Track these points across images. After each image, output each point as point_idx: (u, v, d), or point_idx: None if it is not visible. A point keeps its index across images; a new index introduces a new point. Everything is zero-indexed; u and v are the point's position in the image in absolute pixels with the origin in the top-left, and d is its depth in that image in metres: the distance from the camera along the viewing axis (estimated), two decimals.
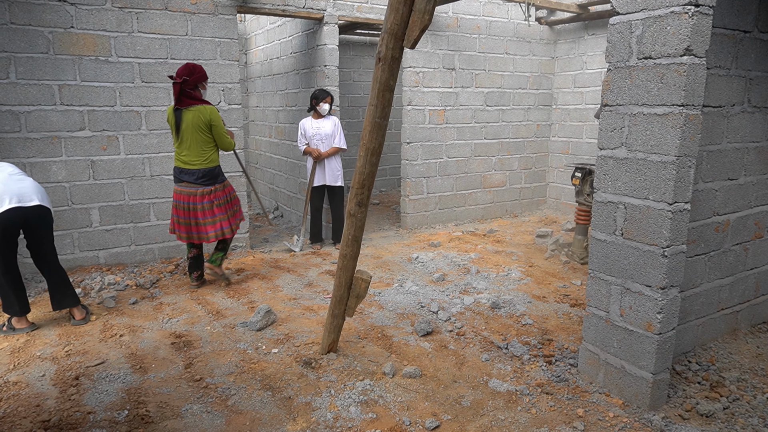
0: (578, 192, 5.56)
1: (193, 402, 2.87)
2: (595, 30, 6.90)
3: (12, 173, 3.67)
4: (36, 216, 3.63)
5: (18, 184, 3.61)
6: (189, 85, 4.21)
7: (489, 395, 3.00)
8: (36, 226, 3.67)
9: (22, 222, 3.60)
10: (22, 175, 3.73)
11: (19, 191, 3.58)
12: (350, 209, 2.81)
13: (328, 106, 5.59)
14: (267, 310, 3.82)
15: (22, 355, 3.45)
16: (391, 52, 2.37)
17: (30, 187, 3.65)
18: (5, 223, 3.52)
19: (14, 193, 3.55)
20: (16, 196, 3.55)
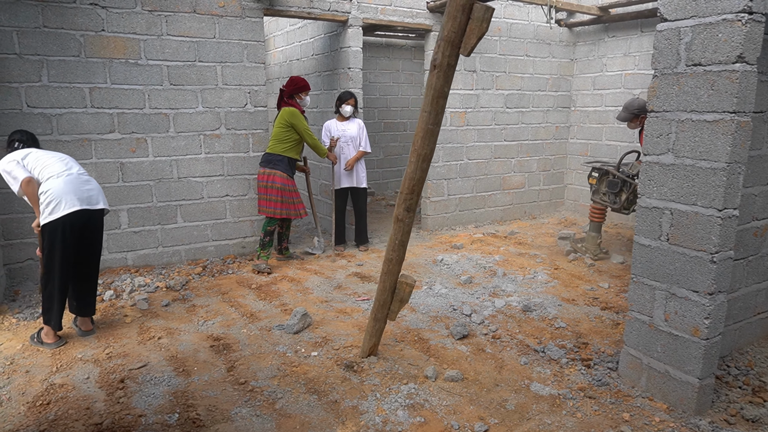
0: (594, 191, 5.61)
1: (241, 405, 2.89)
2: (615, 32, 6.90)
3: (80, 172, 3.66)
4: (97, 220, 3.66)
5: (86, 185, 3.60)
6: (286, 93, 5.23)
7: (532, 399, 3.02)
8: (95, 229, 3.68)
9: (83, 225, 3.58)
10: (87, 174, 3.72)
11: (87, 193, 3.57)
12: (398, 214, 2.83)
13: (351, 108, 5.61)
14: (303, 313, 3.84)
15: (63, 357, 3.48)
16: (447, 60, 2.39)
17: (96, 189, 3.67)
18: (69, 225, 3.46)
19: (84, 193, 3.54)
20: (87, 197, 3.55)
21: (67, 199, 3.46)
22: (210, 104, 5.24)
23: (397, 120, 9.63)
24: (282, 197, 5.15)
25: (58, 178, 3.49)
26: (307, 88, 5.25)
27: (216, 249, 5.53)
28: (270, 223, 5.23)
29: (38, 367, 3.36)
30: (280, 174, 5.14)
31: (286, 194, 5.17)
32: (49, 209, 3.43)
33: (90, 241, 3.71)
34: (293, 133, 5.16)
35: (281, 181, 5.14)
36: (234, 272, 5.18)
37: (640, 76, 6.65)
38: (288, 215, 5.25)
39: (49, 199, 3.42)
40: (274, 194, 5.14)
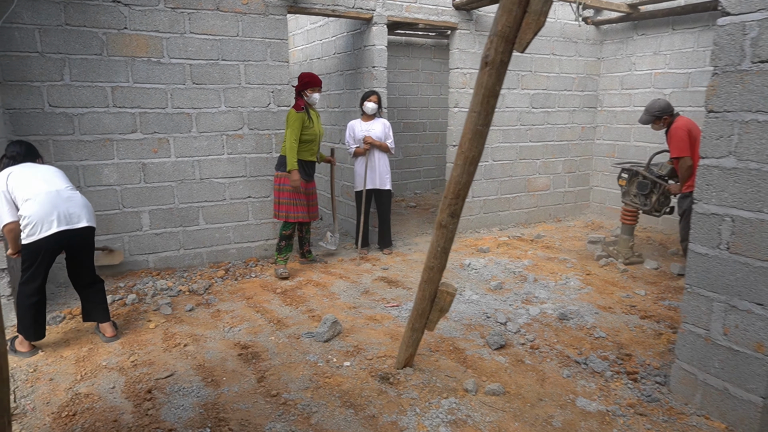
0: (624, 193, 5.44)
1: (275, 420, 2.75)
2: (645, 30, 6.70)
3: (61, 188, 3.46)
4: (81, 238, 3.47)
5: (67, 203, 3.42)
6: (296, 90, 4.99)
7: (579, 415, 2.86)
8: (79, 247, 3.53)
9: (66, 245, 3.45)
10: (71, 189, 3.53)
11: (67, 210, 3.39)
12: (441, 220, 2.68)
13: (374, 105, 5.45)
14: (333, 320, 3.70)
15: (88, 365, 3.37)
16: (501, 56, 2.24)
17: (79, 205, 3.47)
18: (50, 246, 3.34)
19: (63, 212, 3.36)
20: (65, 216, 3.37)
21: (44, 221, 3.30)
22: (233, 104, 5.12)
23: (417, 120, 9.47)
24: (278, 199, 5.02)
25: (35, 200, 3.30)
26: (313, 84, 4.91)
27: (238, 251, 5.41)
28: (285, 227, 5.05)
29: (62, 375, 3.25)
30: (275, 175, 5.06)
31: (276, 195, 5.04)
32: (26, 231, 3.30)
33: (77, 258, 3.58)
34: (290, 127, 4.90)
35: (274, 182, 5.07)
36: (257, 276, 5.06)
37: (671, 75, 6.44)
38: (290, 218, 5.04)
39: (26, 222, 3.30)
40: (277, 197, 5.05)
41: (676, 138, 4.59)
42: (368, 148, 5.46)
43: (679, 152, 4.54)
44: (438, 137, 9.76)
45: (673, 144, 4.60)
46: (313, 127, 4.95)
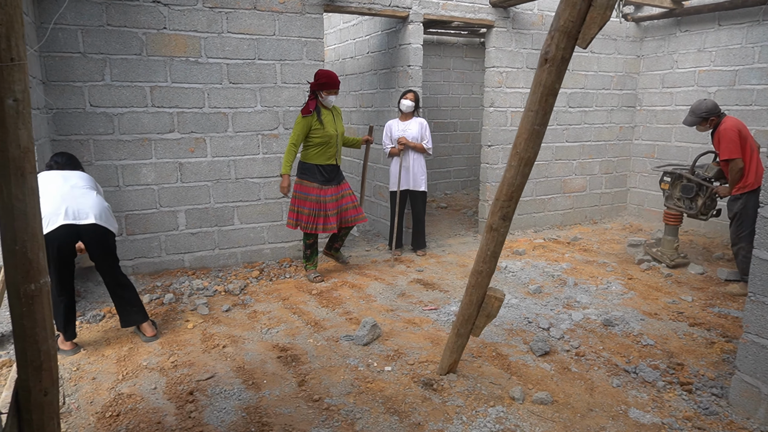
0: (668, 197, 5.26)
1: (319, 426, 2.70)
2: (688, 26, 6.47)
3: (76, 186, 3.44)
4: (90, 235, 3.39)
5: (78, 200, 3.37)
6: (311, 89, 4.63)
7: (633, 428, 2.74)
8: (89, 244, 3.46)
9: (76, 239, 3.41)
10: (87, 189, 3.49)
11: (76, 206, 3.34)
12: (492, 223, 2.59)
13: (410, 103, 5.35)
14: (372, 324, 3.63)
15: (129, 365, 3.37)
16: (562, 53, 2.14)
17: (89, 204, 3.40)
18: (58, 240, 3.30)
19: (71, 208, 3.32)
20: (72, 212, 3.32)
21: (51, 216, 3.28)
22: (268, 103, 5.10)
23: (447, 120, 9.36)
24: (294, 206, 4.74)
25: (47, 196, 3.30)
26: (330, 87, 4.51)
27: (272, 252, 5.40)
28: (307, 236, 4.82)
29: (104, 374, 3.26)
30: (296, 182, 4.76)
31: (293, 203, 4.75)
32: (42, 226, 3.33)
33: (92, 257, 3.53)
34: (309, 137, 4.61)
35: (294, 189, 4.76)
36: (291, 276, 5.03)
37: (717, 73, 6.21)
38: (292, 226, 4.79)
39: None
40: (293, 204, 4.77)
41: (726, 139, 4.39)
42: (402, 148, 5.38)
43: (729, 154, 4.35)
44: (469, 137, 9.63)
45: (724, 145, 4.40)
46: (325, 128, 4.58)
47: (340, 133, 4.76)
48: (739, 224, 4.45)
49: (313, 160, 4.67)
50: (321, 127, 4.56)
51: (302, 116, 4.52)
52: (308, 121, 4.52)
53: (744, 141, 4.41)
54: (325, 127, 4.58)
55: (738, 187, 4.44)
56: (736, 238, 4.50)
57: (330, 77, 4.51)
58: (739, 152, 4.36)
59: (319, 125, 4.55)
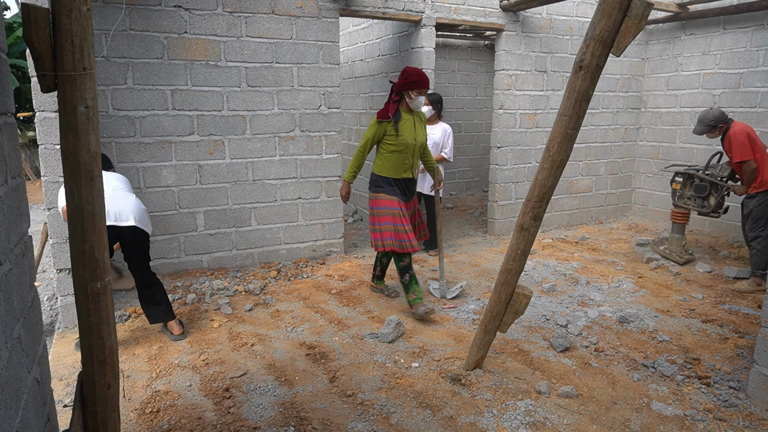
0: (679, 196, 5.41)
1: (355, 420, 2.79)
2: (693, 30, 6.61)
3: (116, 188, 3.58)
4: (129, 236, 3.53)
5: (119, 202, 3.49)
6: (394, 88, 4.03)
7: (657, 420, 2.84)
8: (127, 245, 3.57)
9: (116, 239, 3.52)
10: (126, 191, 3.64)
11: (118, 209, 3.46)
12: (523, 222, 2.69)
13: (428, 108, 5.44)
14: (397, 321, 3.73)
15: (161, 363, 3.45)
16: (597, 60, 2.24)
17: (129, 206, 3.53)
18: None
19: (113, 210, 3.43)
20: (114, 213, 3.44)
21: None
22: (285, 106, 5.19)
23: (452, 121, 9.45)
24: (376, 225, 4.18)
25: None
26: (422, 85, 3.92)
27: (288, 252, 5.48)
28: (400, 257, 4.13)
29: (138, 372, 3.34)
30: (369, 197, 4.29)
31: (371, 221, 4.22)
32: None
33: (128, 256, 3.63)
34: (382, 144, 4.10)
35: (369, 205, 4.32)
36: (308, 276, 5.12)
37: (721, 75, 6.35)
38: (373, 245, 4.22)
39: None
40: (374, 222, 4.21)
41: (737, 143, 4.59)
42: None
43: (742, 156, 4.55)
44: (473, 138, 9.74)
45: (736, 149, 4.60)
46: (403, 136, 4.00)
47: (420, 143, 4.14)
48: (755, 221, 4.63)
49: (385, 172, 4.11)
50: (396, 134, 3.99)
51: (377, 120, 3.99)
52: (383, 128, 4.00)
53: (754, 143, 4.60)
54: (401, 135, 4.01)
55: (753, 186, 4.61)
56: (754, 234, 4.65)
57: (421, 75, 3.92)
58: (751, 154, 4.54)
59: (394, 133, 3.99)
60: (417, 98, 3.98)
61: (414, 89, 3.94)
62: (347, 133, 7.81)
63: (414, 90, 3.94)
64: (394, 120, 3.98)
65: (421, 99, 4.01)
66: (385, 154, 4.08)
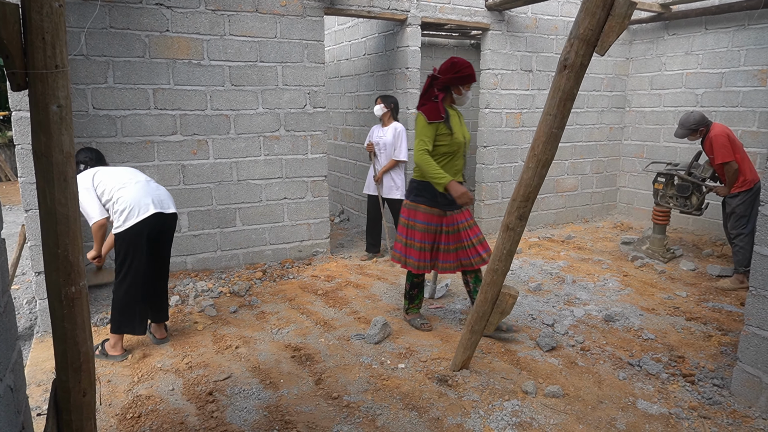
0: (661, 196, 5.47)
1: (341, 422, 2.76)
2: (676, 30, 6.66)
3: (149, 179, 3.61)
4: (171, 224, 3.58)
5: (157, 190, 3.54)
6: (439, 83, 3.51)
7: (642, 418, 2.85)
8: (168, 233, 3.61)
9: (160, 228, 3.50)
10: (154, 181, 3.65)
11: (159, 197, 3.49)
12: (509, 222, 2.68)
13: (378, 107, 5.31)
14: (383, 322, 3.70)
15: (143, 367, 3.38)
16: (581, 59, 2.23)
17: (165, 194, 3.59)
18: (149, 227, 3.39)
19: (156, 198, 3.46)
20: (158, 201, 3.46)
21: (142, 204, 3.37)
22: (270, 105, 5.13)
23: None
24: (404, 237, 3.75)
25: (128, 187, 3.41)
26: (470, 80, 3.50)
27: (273, 253, 5.42)
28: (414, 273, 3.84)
29: (119, 377, 3.27)
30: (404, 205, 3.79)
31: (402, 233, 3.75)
32: (123, 217, 3.33)
33: (165, 246, 3.64)
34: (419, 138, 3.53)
35: (402, 214, 3.79)
36: (294, 277, 5.07)
37: (704, 75, 6.41)
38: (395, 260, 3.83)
39: (122, 207, 3.33)
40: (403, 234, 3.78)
41: (719, 145, 4.65)
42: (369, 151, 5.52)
43: (723, 158, 4.61)
44: None
45: (717, 151, 4.66)
46: (454, 134, 3.53)
47: (468, 140, 3.72)
48: (738, 219, 4.69)
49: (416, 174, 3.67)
50: (449, 133, 3.51)
51: (428, 121, 3.45)
52: (435, 129, 3.48)
53: (733, 144, 4.66)
54: (454, 134, 3.54)
55: (735, 185, 4.66)
56: (736, 231, 4.71)
57: (472, 68, 3.51)
58: (732, 155, 4.60)
59: (448, 132, 3.51)
60: (466, 93, 3.58)
61: (466, 84, 3.52)
62: (333, 133, 7.77)
63: (466, 85, 3.53)
64: (445, 118, 3.51)
65: (470, 95, 3.63)
66: (434, 158, 3.53)
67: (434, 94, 3.55)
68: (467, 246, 3.68)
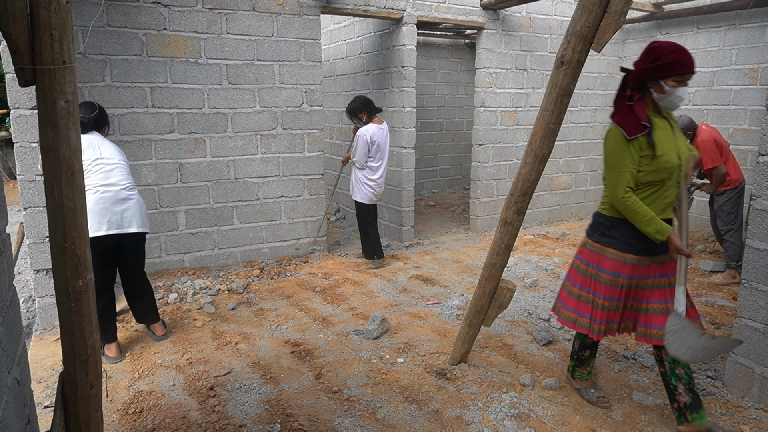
0: None
1: (342, 416, 2.79)
2: (668, 29, 6.74)
3: (121, 189, 3.38)
4: (130, 242, 3.45)
5: (122, 206, 3.35)
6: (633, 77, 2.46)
7: (638, 409, 2.90)
8: (127, 251, 3.49)
9: (116, 246, 3.41)
10: (130, 189, 3.44)
11: (120, 215, 3.33)
12: (506, 217, 2.72)
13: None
14: (382, 318, 3.74)
15: (143, 363, 3.40)
16: (578, 56, 2.28)
17: (132, 209, 3.40)
18: (100, 247, 3.31)
19: (115, 215, 3.31)
20: (116, 222, 3.32)
21: (94, 221, 3.25)
22: (267, 104, 5.16)
23: (433, 119, 9.51)
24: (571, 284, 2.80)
25: (92, 194, 3.28)
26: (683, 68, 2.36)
27: (270, 251, 5.45)
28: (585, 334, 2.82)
29: (119, 373, 3.29)
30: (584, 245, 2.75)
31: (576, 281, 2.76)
32: None
33: (126, 261, 3.53)
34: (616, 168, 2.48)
35: (579, 257, 2.76)
36: (292, 274, 5.10)
37: (696, 74, 6.48)
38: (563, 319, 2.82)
39: None
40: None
41: (706, 150, 4.76)
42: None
43: (713, 163, 4.72)
44: (454, 137, 9.80)
45: (705, 156, 4.79)
46: (665, 154, 2.42)
47: (686, 161, 2.52)
48: (726, 215, 4.80)
49: (602, 208, 2.67)
50: (652, 155, 2.41)
51: (626, 138, 2.41)
52: (638, 145, 2.41)
53: (720, 147, 4.77)
54: (661, 153, 2.42)
55: (722, 185, 4.74)
56: (726, 228, 4.82)
57: (679, 52, 2.36)
58: (720, 159, 4.70)
59: (649, 153, 2.41)
60: (676, 91, 2.39)
61: (671, 76, 2.37)
62: (329, 131, 7.79)
63: (671, 77, 2.37)
64: (648, 130, 2.41)
65: (682, 92, 2.42)
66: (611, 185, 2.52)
67: (628, 95, 2.51)
68: (660, 309, 2.57)
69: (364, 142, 5.09)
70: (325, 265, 5.37)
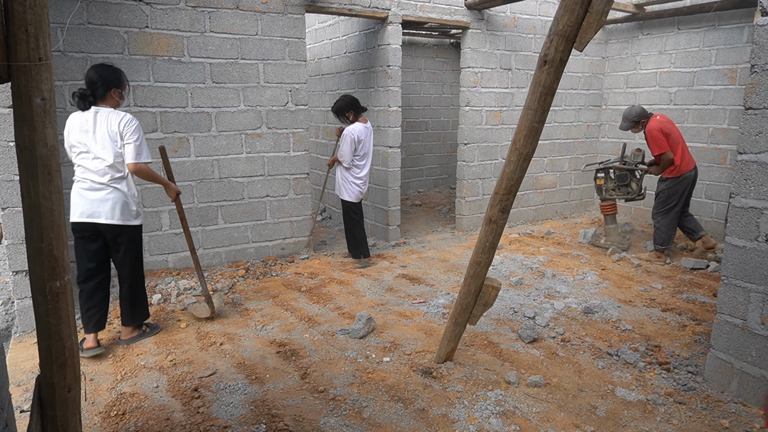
0: (605, 190, 5.92)
1: (327, 415, 2.78)
2: (650, 30, 6.82)
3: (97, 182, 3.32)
4: (108, 234, 3.44)
5: (96, 195, 3.33)
6: None
7: (621, 405, 2.93)
8: (109, 240, 3.47)
9: (96, 232, 3.41)
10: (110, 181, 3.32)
11: (95, 204, 3.33)
12: (491, 215, 2.73)
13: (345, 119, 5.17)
14: (368, 317, 3.73)
15: (126, 364, 3.36)
16: (560, 55, 2.29)
17: (106, 201, 3.34)
18: (78, 232, 3.41)
19: (88, 204, 3.33)
20: (88, 210, 3.33)
21: (72, 207, 3.40)
22: (252, 103, 5.12)
23: (419, 119, 9.52)
24: None
25: (75, 181, 3.40)
26: None
27: (256, 251, 5.41)
28: None
29: (102, 375, 3.24)
30: None
31: None
32: None
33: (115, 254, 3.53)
34: None
35: None
36: (277, 274, 5.07)
37: (677, 74, 6.58)
38: None
39: None
40: None
41: (652, 138, 5.13)
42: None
43: (659, 149, 5.09)
44: (440, 136, 9.83)
45: (652, 143, 5.15)
46: None
47: None
48: (660, 201, 5.27)
49: None
50: None
51: None
52: None
53: (667, 136, 5.12)
54: None
55: (669, 169, 5.19)
56: (655, 211, 5.34)
57: None
58: (667, 146, 5.08)
59: None
60: None
61: None
62: (315, 131, 7.76)
63: None
64: None
65: None
66: None
67: None
68: None
69: (351, 141, 5.08)
70: (311, 265, 5.35)
